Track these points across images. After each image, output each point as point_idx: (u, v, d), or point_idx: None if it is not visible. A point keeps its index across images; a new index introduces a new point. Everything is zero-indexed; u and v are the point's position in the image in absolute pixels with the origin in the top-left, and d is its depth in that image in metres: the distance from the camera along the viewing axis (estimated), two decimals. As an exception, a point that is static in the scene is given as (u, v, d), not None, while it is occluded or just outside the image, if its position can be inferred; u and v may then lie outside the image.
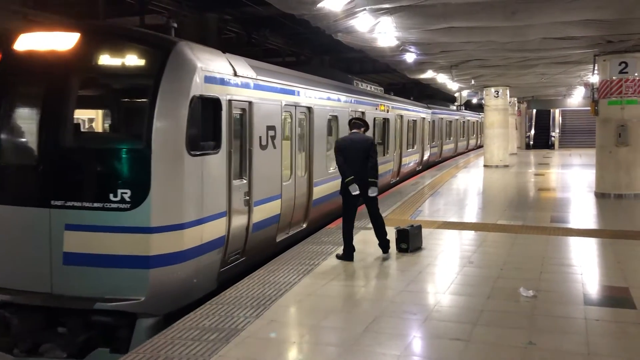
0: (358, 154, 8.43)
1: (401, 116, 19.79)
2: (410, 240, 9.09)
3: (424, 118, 24.39)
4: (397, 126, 19.18)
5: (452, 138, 33.02)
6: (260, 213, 8.77)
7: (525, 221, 12.14)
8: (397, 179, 19.61)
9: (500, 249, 9.56)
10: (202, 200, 7.14)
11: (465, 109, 38.15)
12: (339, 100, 13.14)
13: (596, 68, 16.12)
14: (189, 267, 6.96)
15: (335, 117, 12.84)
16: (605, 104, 15.57)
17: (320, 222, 11.81)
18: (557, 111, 42.85)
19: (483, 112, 29.87)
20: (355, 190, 8.34)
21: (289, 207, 10.10)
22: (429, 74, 21.83)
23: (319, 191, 11.57)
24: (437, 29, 12.51)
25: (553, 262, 8.67)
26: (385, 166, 17.25)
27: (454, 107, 34.59)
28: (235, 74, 8.07)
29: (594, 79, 16.76)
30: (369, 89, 17.43)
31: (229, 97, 7.78)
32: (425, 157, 24.87)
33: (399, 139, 19.69)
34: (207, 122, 7.33)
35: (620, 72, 15.20)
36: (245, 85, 8.40)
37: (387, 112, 17.70)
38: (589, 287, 7.43)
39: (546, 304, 6.69)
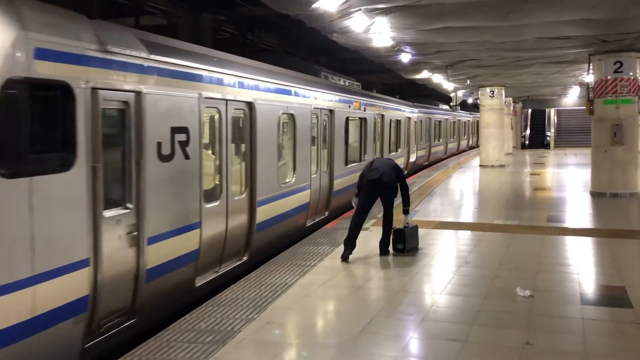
0: (385, 164, 9.23)
1: (382, 115, 17.98)
2: (406, 241, 9.09)
3: (409, 118, 22.78)
4: (376, 127, 17.24)
5: (441, 139, 31.64)
6: (162, 252, 6.42)
7: (522, 221, 12.14)
8: None
9: (497, 249, 9.56)
10: (34, 247, 4.72)
11: (460, 109, 37.85)
12: (296, 94, 10.74)
13: (591, 67, 16.17)
14: (8, 355, 4.57)
15: (292, 116, 10.56)
16: (600, 103, 15.63)
17: (273, 249, 9.60)
18: (552, 111, 42.91)
19: (476, 111, 29.75)
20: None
21: (214, 238, 7.68)
22: (424, 74, 21.83)
23: (266, 211, 9.19)
24: (432, 29, 12.50)
25: (549, 262, 8.67)
26: None
27: (445, 106, 33.70)
28: (105, 50, 5.53)
29: (589, 78, 16.80)
30: (341, 82, 15.36)
31: (93, 84, 5.38)
32: (412, 160, 23.53)
33: (379, 141, 17.79)
34: (44, 122, 5.02)
35: (615, 71, 15.27)
36: (129, 67, 5.93)
37: (364, 110, 15.81)
38: (585, 287, 7.43)
39: (543, 304, 6.68)
